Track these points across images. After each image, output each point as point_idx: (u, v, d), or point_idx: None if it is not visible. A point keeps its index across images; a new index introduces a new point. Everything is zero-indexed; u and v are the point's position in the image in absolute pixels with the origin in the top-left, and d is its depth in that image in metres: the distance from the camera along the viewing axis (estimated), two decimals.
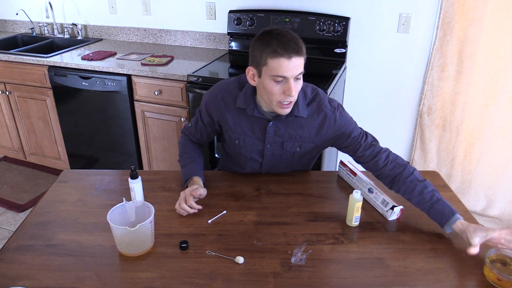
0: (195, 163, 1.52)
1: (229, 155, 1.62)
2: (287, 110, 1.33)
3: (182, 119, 2.51)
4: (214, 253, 1.17)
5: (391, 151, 1.41)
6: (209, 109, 1.49)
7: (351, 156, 1.45)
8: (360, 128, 1.46)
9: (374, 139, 1.44)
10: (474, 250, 1.14)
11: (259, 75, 1.30)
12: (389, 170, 1.36)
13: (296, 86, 1.28)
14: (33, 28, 3.38)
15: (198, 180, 1.45)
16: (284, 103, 1.30)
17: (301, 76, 1.29)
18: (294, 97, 1.31)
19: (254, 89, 1.40)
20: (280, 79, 1.26)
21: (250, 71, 1.34)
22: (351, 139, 1.42)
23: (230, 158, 1.63)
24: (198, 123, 1.57)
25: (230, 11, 2.70)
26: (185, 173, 1.50)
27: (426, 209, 1.28)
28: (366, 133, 1.45)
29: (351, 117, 1.46)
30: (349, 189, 1.48)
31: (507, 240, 1.14)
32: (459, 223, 1.22)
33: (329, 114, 1.41)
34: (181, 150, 1.58)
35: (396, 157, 1.40)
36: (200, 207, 1.35)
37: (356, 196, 1.25)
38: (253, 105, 1.40)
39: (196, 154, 1.56)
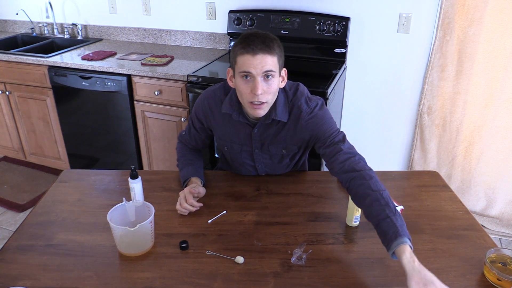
0: (193, 165, 1.52)
1: (226, 159, 1.64)
2: (259, 112, 1.31)
3: (182, 119, 2.51)
4: (214, 253, 1.17)
5: (356, 155, 1.31)
6: (198, 116, 1.51)
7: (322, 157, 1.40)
8: (340, 131, 1.41)
9: (344, 140, 1.36)
10: None
11: (234, 75, 1.32)
12: (344, 173, 1.25)
13: (266, 86, 1.27)
14: (33, 28, 3.38)
15: (196, 180, 1.46)
16: (255, 103, 1.28)
17: (273, 76, 1.27)
18: (265, 98, 1.28)
19: (236, 97, 1.39)
20: (247, 76, 1.26)
21: (229, 73, 1.36)
22: (328, 141, 1.36)
23: (227, 162, 1.64)
24: (191, 130, 1.57)
25: (230, 11, 2.70)
26: (183, 175, 1.50)
27: (374, 225, 1.12)
28: (340, 134, 1.39)
29: (331, 118, 1.41)
30: None
31: None
32: (405, 253, 1.01)
33: (304, 115, 1.38)
34: (178, 156, 1.58)
35: (358, 161, 1.28)
36: (200, 204, 1.36)
37: None
38: (238, 110, 1.40)
39: (193, 157, 1.56)
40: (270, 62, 1.25)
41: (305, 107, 1.39)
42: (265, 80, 1.27)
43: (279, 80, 1.32)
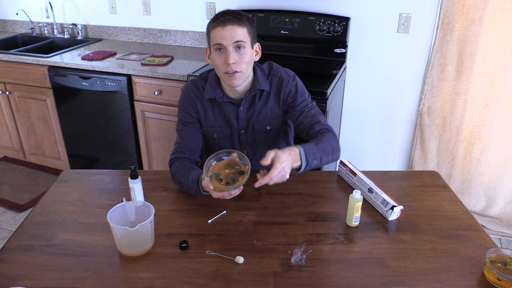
0: (196, 169, 1.43)
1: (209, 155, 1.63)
2: (234, 81, 1.39)
3: None
4: (214, 253, 1.17)
5: (327, 128, 1.45)
6: (187, 109, 1.52)
7: (292, 123, 1.56)
8: (313, 101, 1.53)
9: (320, 113, 1.50)
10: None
11: (210, 52, 1.41)
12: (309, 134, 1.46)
13: (238, 56, 1.35)
14: (33, 28, 3.38)
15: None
16: (229, 72, 1.37)
17: (244, 47, 1.36)
18: (238, 67, 1.36)
19: (217, 77, 1.48)
20: (220, 48, 1.36)
21: (207, 52, 1.46)
22: (299, 107, 1.49)
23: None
24: (183, 131, 1.52)
25: None
26: (192, 179, 1.36)
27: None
28: (316, 107, 1.52)
29: (304, 88, 1.54)
30: (349, 189, 1.48)
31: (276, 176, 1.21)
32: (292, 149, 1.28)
33: (285, 78, 1.50)
34: (176, 177, 1.45)
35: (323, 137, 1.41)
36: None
37: (356, 196, 1.25)
38: (221, 92, 1.48)
39: (191, 165, 1.46)
40: (239, 32, 1.34)
41: (285, 76, 1.51)
42: (236, 51, 1.36)
43: (252, 52, 1.41)
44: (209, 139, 1.58)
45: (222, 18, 1.33)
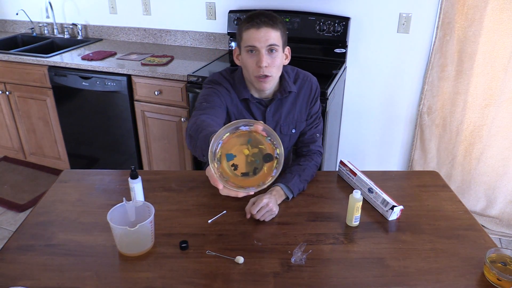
0: (213, 126, 1.18)
1: None
2: (265, 85, 1.37)
3: (182, 119, 2.51)
4: (214, 253, 1.17)
5: (317, 152, 1.55)
6: (218, 94, 1.40)
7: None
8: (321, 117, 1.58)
9: (320, 132, 1.57)
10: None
11: (240, 52, 1.39)
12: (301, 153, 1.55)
13: (270, 60, 1.33)
14: (33, 28, 3.38)
15: None
16: (260, 76, 1.35)
17: (276, 51, 1.34)
18: (269, 71, 1.34)
19: (242, 78, 1.45)
20: (252, 50, 1.33)
21: (236, 52, 1.44)
22: (312, 119, 1.53)
23: None
24: (208, 105, 1.35)
25: (230, 11, 2.70)
26: (204, 136, 1.07)
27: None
28: (321, 122, 1.57)
29: None
30: (349, 189, 1.48)
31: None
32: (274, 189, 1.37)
33: (314, 82, 1.52)
34: (188, 130, 1.21)
35: (316, 158, 1.54)
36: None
37: (356, 196, 1.25)
38: (249, 92, 1.46)
39: (211, 123, 1.23)
40: (273, 36, 1.32)
41: (314, 82, 1.52)
42: (269, 54, 1.34)
43: (283, 56, 1.39)
44: None
45: (258, 20, 1.31)
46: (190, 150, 1.23)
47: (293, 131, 1.53)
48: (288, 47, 1.44)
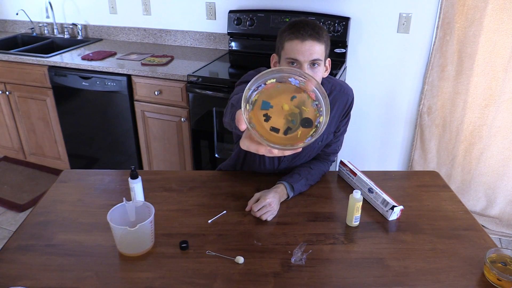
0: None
1: (248, 153, 1.54)
2: None
3: (182, 119, 2.51)
4: (214, 253, 1.17)
5: (330, 163, 1.56)
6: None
7: None
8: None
9: (341, 142, 1.57)
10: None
11: (279, 61, 1.32)
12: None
13: (312, 74, 1.25)
14: (33, 28, 3.38)
15: None
16: None
17: (319, 64, 1.27)
18: None
19: None
20: (293, 63, 1.26)
21: (274, 59, 1.37)
22: (340, 132, 1.51)
23: (248, 156, 1.55)
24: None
25: (230, 11, 2.70)
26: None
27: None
28: (342, 139, 1.57)
29: None
30: (349, 189, 1.48)
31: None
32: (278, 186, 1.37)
33: (351, 95, 1.46)
34: (234, 100, 1.18)
35: (327, 166, 1.56)
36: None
37: (356, 196, 1.25)
38: None
39: None
40: (318, 50, 1.25)
41: (351, 92, 1.46)
42: (311, 68, 1.27)
43: (323, 69, 1.33)
44: None
45: (303, 31, 1.23)
46: (226, 123, 1.19)
47: (320, 143, 1.48)
48: (329, 59, 1.37)
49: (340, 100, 1.43)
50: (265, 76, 0.76)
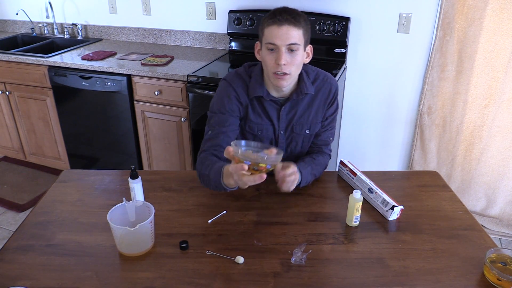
0: (219, 162, 1.35)
1: None
2: (282, 82, 1.36)
3: (182, 119, 2.51)
4: (214, 253, 1.17)
5: (328, 154, 1.57)
6: (231, 100, 1.43)
7: None
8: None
9: (333, 135, 1.57)
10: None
11: (261, 47, 1.37)
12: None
13: (290, 58, 1.32)
14: (33, 28, 3.38)
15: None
16: (278, 73, 1.33)
17: (297, 49, 1.32)
18: (288, 69, 1.33)
19: (261, 74, 1.44)
20: (272, 47, 1.31)
21: (257, 47, 1.42)
22: (328, 121, 1.52)
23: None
24: (221, 118, 1.43)
25: (230, 11, 2.70)
26: (215, 172, 1.29)
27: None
28: (335, 125, 1.57)
29: None
30: (349, 189, 1.48)
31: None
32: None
33: (334, 84, 1.50)
34: (200, 167, 1.38)
35: (326, 158, 1.56)
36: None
37: (356, 196, 1.25)
38: (266, 90, 1.44)
39: (218, 160, 1.39)
40: (295, 34, 1.30)
41: (334, 85, 1.50)
42: (289, 52, 1.32)
43: (303, 55, 1.37)
44: (249, 136, 1.51)
45: (280, 17, 1.29)
46: (202, 183, 1.40)
47: (307, 131, 1.51)
48: (310, 45, 1.41)
49: (324, 88, 1.48)
50: (246, 147, 1.19)
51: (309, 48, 1.41)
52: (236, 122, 1.46)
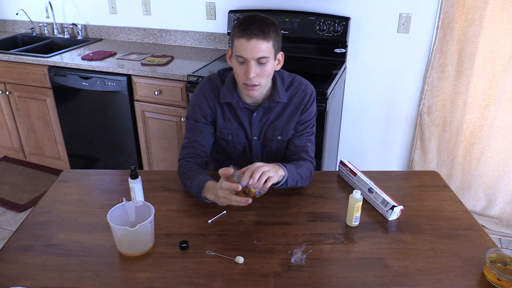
0: (202, 174, 1.39)
1: (216, 160, 1.63)
2: (252, 93, 1.37)
3: (182, 119, 2.51)
4: (214, 253, 1.17)
5: (310, 162, 1.48)
6: (202, 108, 1.48)
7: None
8: (314, 125, 1.54)
9: (313, 142, 1.52)
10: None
11: (232, 55, 1.37)
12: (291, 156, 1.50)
13: (259, 70, 1.32)
14: (33, 28, 3.38)
15: (214, 184, 1.30)
16: (248, 84, 1.34)
17: (267, 62, 1.32)
18: (258, 81, 1.34)
19: (234, 80, 1.44)
20: (241, 59, 1.32)
21: (228, 52, 1.42)
22: (303, 126, 1.49)
23: (217, 162, 1.63)
24: (194, 127, 1.49)
25: (230, 11, 2.70)
26: (196, 184, 1.34)
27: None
28: (314, 132, 1.53)
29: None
30: (349, 189, 1.48)
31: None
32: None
33: (308, 92, 1.48)
34: (182, 176, 1.43)
35: (309, 164, 1.47)
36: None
37: (356, 196, 1.25)
38: (237, 96, 1.45)
39: (198, 168, 1.44)
40: (264, 48, 1.30)
41: (309, 92, 1.49)
42: (258, 65, 1.32)
43: (274, 64, 1.38)
44: (222, 141, 1.54)
45: (248, 31, 1.27)
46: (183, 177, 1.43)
47: (279, 137, 1.51)
48: (281, 52, 1.40)
49: (297, 96, 1.48)
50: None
51: (281, 55, 1.41)
52: (209, 128, 1.50)
